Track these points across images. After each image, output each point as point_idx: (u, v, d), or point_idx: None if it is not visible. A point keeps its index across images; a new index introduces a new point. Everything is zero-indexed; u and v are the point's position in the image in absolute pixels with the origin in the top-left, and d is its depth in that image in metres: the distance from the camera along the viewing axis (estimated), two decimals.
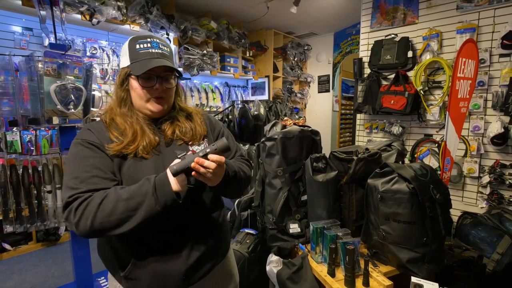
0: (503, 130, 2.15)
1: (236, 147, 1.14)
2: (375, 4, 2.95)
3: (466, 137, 2.38)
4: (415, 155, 2.70)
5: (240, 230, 1.92)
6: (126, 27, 2.97)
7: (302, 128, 1.72)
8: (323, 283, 1.38)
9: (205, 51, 3.59)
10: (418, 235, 1.31)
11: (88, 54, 3.02)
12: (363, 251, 1.52)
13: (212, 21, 3.68)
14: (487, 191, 2.30)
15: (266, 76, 4.62)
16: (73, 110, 1.87)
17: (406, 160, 2.34)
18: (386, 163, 1.47)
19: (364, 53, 3.05)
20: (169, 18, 3.22)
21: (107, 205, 0.77)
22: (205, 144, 1.01)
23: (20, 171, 1.85)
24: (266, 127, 1.79)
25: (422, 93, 2.54)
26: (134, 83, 0.92)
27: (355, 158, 1.58)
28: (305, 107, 5.52)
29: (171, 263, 0.90)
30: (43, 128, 2.71)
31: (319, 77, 5.34)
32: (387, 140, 2.01)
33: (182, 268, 0.91)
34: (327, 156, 1.68)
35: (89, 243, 2.11)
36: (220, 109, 4.13)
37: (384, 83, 2.84)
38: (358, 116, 3.15)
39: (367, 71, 3.00)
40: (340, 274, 1.36)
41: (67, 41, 2.68)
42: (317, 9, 3.92)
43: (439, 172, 2.03)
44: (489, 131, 2.23)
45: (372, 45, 2.90)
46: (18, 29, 2.75)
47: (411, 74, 2.65)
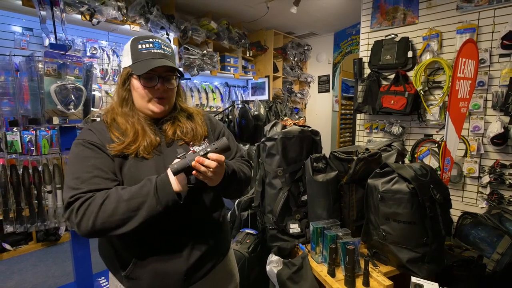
0: (503, 130, 2.15)
1: (236, 147, 1.14)
2: (375, 4, 2.95)
3: (466, 137, 2.38)
4: (415, 155, 2.70)
5: (240, 230, 1.92)
6: (126, 27, 2.97)
7: (302, 128, 1.72)
8: (323, 283, 1.38)
9: (205, 51, 3.59)
10: (418, 235, 1.31)
11: (88, 54, 3.03)
12: (363, 251, 1.52)
13: (212, 21, 3.68)
14: (487, 191, 2.30)
15: (266, 76, 4.62)
16: (73, 110, 1.87)
17: (406, 160, 2.34)
18: (386, 163, 1.47)
19: (364, 53, 3.05)
20: (169, 18, 3.22)
21: (108, 206, 0.77)
22: (205, 144, 1.01)
23: (20, 171, 1.85)
24: (266, 127, 1.79)
25: (422, 93, 2.54)
26: (135, 83, 0.92)
27: (355, 158, 1.58)
28: (305, 107, 5.52)
29: (172, 262, 0.90)
30: (43, 128, 2.71)
31: (319, 77, 5.34)
32: (387, 140, 2.01)
33: (183, 267, 0.91)
34: (327, 156, 1.68)
35: (90, 243, 2.11)
36: (220, 109, 4.13)
37: (384, 83, 2.84)
38: (358, 116, 3.15)
39: (367, 71, 3.00)
40: (340, 274, 1.36)
41: (67, 41, 2.67)
42: (317, 9, 3.92)
43: (439, 172, 2.03)
44: (489, 131, 2.23)
45: (372, 45, 2.90)
46: (18, 29, 2.75)
47: (411, 74, 2.65)
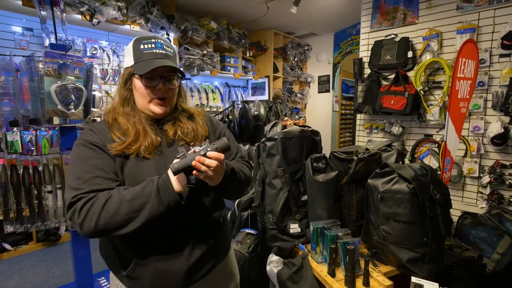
0: (503, 130, 2.15)
1: (236, 148, 1.14)
2: (375, 4, 2.95)
3: (466, 137, 2.38)
4: (415, 155, 2.70)
5: (240, 230, 1.92)
6: (127, 27, 2.97)
7: (302, 128, 1.72)
8: (323, 283, 1.38)
9: (205, 51, 3.59)
10: (418, 235, 1.31)
11: (88, 54, 3.03)
12: (363, 251, 1.52)
13: (212, 21, 3.68)
14: (487, 191, 2.30)
15: (266, 76, 4.62)
16: (73, 110, 1.87)
17: (406, 160, 2.34)
18: (386, 163, 1.47)
19: (364, 53, 3.05)
20: (169, 18, 3.22)
21: (111, 206, 0.78)
22: (206, 144, 1.02)
23: (20, 171, 1.85)
24: (267, 127, 1.79)
25: (422, 93, 2.55)
26: (137, 83, 0.92)
27: (355, 158, 1.58)
28: (305, 107, 5.52)
29: (172, 262, 0.91)
30: (43, 128, 2.71)
31: (319, 77, 5.34)
32: (387, 140, 2.01)
33: (184, 267, 0.91)
34: (327, 156, 1.68)
35: (90, 243, 2.11)
36: (220, 109, 4.13)
37: (384, 83, 2.84)
38: (358, 116, 3.15)
39: (367, 71, 3.00)
40: (340, 274, 1.36)
41: (68, 42, 2.68)
42: (317, 9, 3.92)
43: (439, 172, 2.03)
44: (489, 131, 2.23)
45: (372, 45, 2.90)
46: (19, 29, 2.75)
47: (411, 74, 2.65)
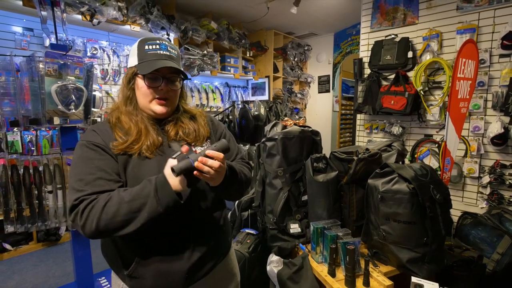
0: (503, 130, 2.15)
1: (237, 149, 1.15)
2: (375, 5, 2.96)
3: (466, 137, 2.38)
4: (415, 155, 2.70)
5: (240, 230, 1.92)
6: (127, 27, 2.97)
7: (302, 128, 1.73)
8: (323, 283, 1.38)
9: (205, 52, 3.59)
10: (418, 235, 1.32)
11: (88, 54, 3.03)
12: (363, 251, 1.53)
13: (213, 21, 3.68)
14: (487, 191, 2.30)
15: (266, 77, 4.62)
16: (74, 111, 1.87)
17: (406, 161, 2.34)
18: (386, 163, 1.47)
19: (364, 53, 3.06)
20: (169, 18, 3.22)
21: (110, 208, 0.78)
22: (207, 145, 1.02)
23: (21, 171, 1.85)
24: (267, 128, 1.79)
25: (422, 93, 2.55)
26: (140, 82, 0.93)
27: (355, 158, 1.58)
28: (305, 107, 5.52)
29: (173, 262, 0.91)
30: (43, 129, 2.71)
31: (319, 77, 5.34)
32: (387, 141, 2.01)
33: (185, 267, 0.92)
34: (328, 157, 1.68)
35: (90, 243, 2.11)
36: (221, 110, 4.14)
37: (384, 83, 2.85)
38: (358, 116, 3.16)
39: (367, 71, 3.00)
40: (341, 274, 1.36)
41: (68, 42, 2.67)
42: (317, 9, 3.93)
43: (439, 172, 2.03)
44: (489, 131, 2.23)
45: (372, 45, 2.91)
46: (19, 29, 2.75)
47: (411, 74, 2.65)
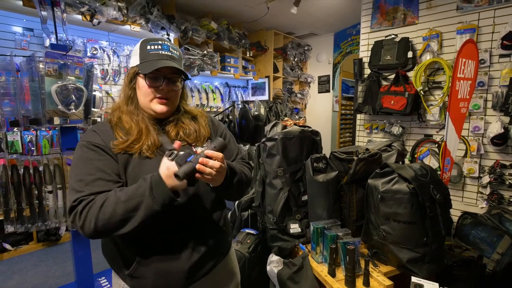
0: (503, 130, 2.15)
1: (237, 149, 1.15)
2: (375, 5, 2.96)
3: (466, 137, 2.38)
4: (415, 155, 2.70)
5: (240, 230, 1.92)
6: (127, 27, 2.97)
7: (302, 128, 1.73)
8: (323, 283, 1.38)
9: (205, 52, 3.59)
10: (418, 235, 1.32)
11: (88, 54, 3.03)
12: (363, 251, 1.53)
13: (213, 21, 3.68)
14: (487, 191, 2.31)
15: (266, 77, 4.62)
16: (74, 111, 1.87)
17: (406, 161, 2.34)
18: (386, 163, 1.47)
19: (364, 53, 3.06)
20: (169, 18, 3.22)
21: (107, 208, 0.78)
22: (207, 145, 1.02)
23: (21, 171, 1.85)
24: (267, 128, 1.79)
25: (422, 93, 2.55)
26: (141, 82, 0.94)
27: (355, 158, 1.58)
28: (305, 107, 5.52)
29: (174, 262, 0.92)
30: (43, 129, 2.71)
31: (319, 77, 5.34)
32: (387, 141, 2.01)
33: (185, 266, 0.92)
34: (328, 157, 1.69)
35: (90, 243, 2.11)
36: (221, 110, 4.14)
37: (384, 83, 2.85)
38: (358, 116, 3.16)
39: (367, 71, 3.00)
40: (341, 274, 1.36)
41: (68, 42, 2.67)
42: (317, 9, 3.93)
43: (439, 172, 2.03)
44: (489, 131, 2.23)
45: (372, 45, 2.91)
46: (19, 29, 2.75)
47: (411, 74, 2.65)
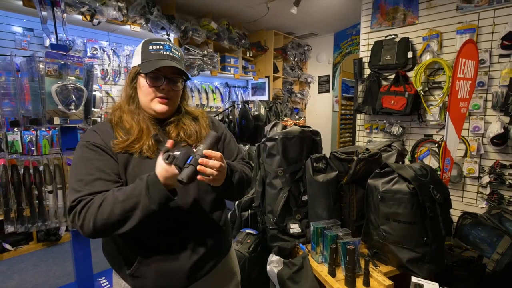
0: (503, 130, 2.15)
1: (237, 149, 1.15)
2: (375, 5, 2.96)
3: (466, 137, 2.38)
4: (415, 155, 2.70)
5: (240, 230, 1.92)
6: (127, 27, 2.98)
7: (302, 128, 1.73)
8: (323, 283, 1.38)
9: (205, 52, 3.59)
10: (418, 235, 1.32)
11: (88, 54, 3.03)
12: (363, 251, 1.53)
13: (213, 21, 3.68)
14: (487, 191, 2.31)
15: (266, 77, 4.62)
16: (74, 111, 1.87)
17: (406, 161, 2.34)
18: (386, 163, 1.47)
19: (364, 53, 3.06)
20: (169, 18, 3.22)
21: (105, 208, 0.79)
22: (201, 145, 1.02)
23: (21, 171, 1.85)
24: (267, 128, 1.79)
25: (422, 93, 2.55)
26: (142, 81, 0.94)
27: (355, 158, 1.58)
28: (305, 107, 5.53)
29: (175, 261, 0.92)
30: (43, 129, 2.71)
31: (319, 77, 5.34)
32: (387, 141, 2.01)
33: (186, 266, 0.93)
34: (328, 157, 1.69)
35: (90, 243, 2.11)
36: (221, 110, 4.14)
37: (384, 83, 2.85)
38: (358, 116, 3.16)
39: (367, 71, 3.01)
40: (341, 274, 1.36)
41: (68, 42, 2.68)
42: (317, 9, 3.93)
43: (439, 172, 2.03)
44: (489, 131, 2.23)
45: (372, 45, 2.91)
46: (19, 29, 2.75)
47: (411, 74, 2.65)
